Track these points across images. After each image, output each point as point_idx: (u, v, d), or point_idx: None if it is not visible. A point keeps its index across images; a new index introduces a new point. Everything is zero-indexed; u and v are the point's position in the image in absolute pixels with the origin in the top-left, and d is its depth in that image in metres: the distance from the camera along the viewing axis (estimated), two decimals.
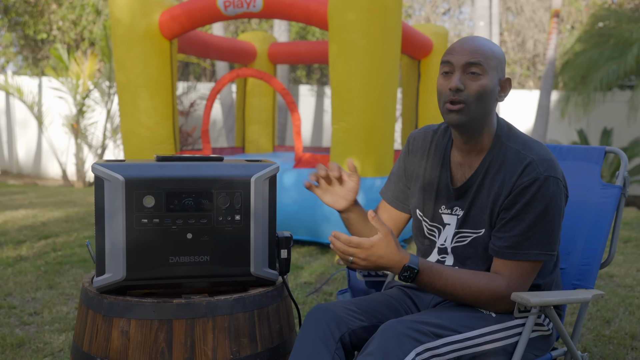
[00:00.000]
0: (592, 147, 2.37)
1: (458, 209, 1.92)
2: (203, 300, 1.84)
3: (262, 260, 1.95)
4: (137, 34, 5.89)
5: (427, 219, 2.00)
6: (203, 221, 1.88)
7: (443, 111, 1.83)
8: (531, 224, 1.77)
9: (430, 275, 1.78)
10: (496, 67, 1.81)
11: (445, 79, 1.82)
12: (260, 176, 1.92)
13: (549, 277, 1.94)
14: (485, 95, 1.79)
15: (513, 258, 1.79)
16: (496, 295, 1.79)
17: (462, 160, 1.93)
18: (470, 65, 1.78)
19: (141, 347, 1.81)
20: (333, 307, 1.90)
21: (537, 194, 1.76)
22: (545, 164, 1.79)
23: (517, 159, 1.82)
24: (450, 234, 1.94)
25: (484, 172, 1.86)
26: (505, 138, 1.88)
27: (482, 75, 1.79)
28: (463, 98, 1.78)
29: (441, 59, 1.85)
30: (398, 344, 1.62)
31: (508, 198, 1.80)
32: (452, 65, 1.80)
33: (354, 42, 5.11)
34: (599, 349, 3.13)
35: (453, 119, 1.81)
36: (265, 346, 1.92)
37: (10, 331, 3.28)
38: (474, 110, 1.79)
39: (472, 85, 1.78)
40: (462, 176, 1.92)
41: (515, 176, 1.80)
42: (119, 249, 1.84)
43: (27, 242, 5.53)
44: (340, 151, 5.30)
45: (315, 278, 4.48)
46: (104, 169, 1.82)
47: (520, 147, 1.84)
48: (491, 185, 1.84)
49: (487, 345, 1.77)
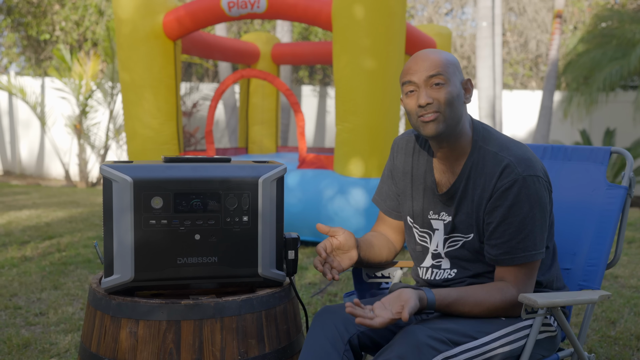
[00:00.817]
0: (597, 148, 2.37)
1: (445, 214, 1.94)
2: (211, 301, 1.84)
3: (269, 261, 1.95)
4: (141, 34, 5.90)
5: (417, 225, 2.03)
6: (211, 222, 1.89)
7: (418, 126, 1.85)
8: (520, 226, 1.79)
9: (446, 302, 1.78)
10: (454, 72, 1.85)
11: (412, 98, 1.85)
12: (268, 177, 1.92)
13: (548, 273, 1.97)
14: (453, 101, 1.82)
15: (512, 263, 1.82)
16: (512, 304, 1.82)
17: (444, 167, 1.95)
18: (431, 78, 1.81)
19: (149, 347, 1.82)
20: (341, 310, 1.91)
21: (519, 195, 1.79)
22: (522, 164, 1.81)
23: (495, 161, 1.84)
24: (440, 239, 1.96)
25: (466, 177, 1.89)
26: (482, 141, 1.90)
27: (445, 83, 1.82)
28: (435, 109, 1.81)
29: (401, 80, 1.89)
30: (417, 353, 1.63)
31: (490, 201, 1.83)
32: (414, 84, 1.83)
33: (358, 42, 5.11)
34: (605, 350, 3.13)
35: (431, 130, 1.82)
36: (273, 347, 1.93)
37: (16, 332, 3.29)
38: (448, 117, 1.82)
39: (439, 95, 1.81)
40: (447, 182, 1.94)
41: (494, 179, 1.83)
42: (127, 250, 1.84)
43: (31, 243, 5.54)
44: (344, 151, 5.31)
45: (319, 279, 4.48)
46: (112, 170, 1.82)
47: (497, 149, 1.87)
48: (474, 190, 1.87)
49: (501, 348, 1.79)
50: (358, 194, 5.17)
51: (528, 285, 1.83)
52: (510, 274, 1.83)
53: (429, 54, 1.85)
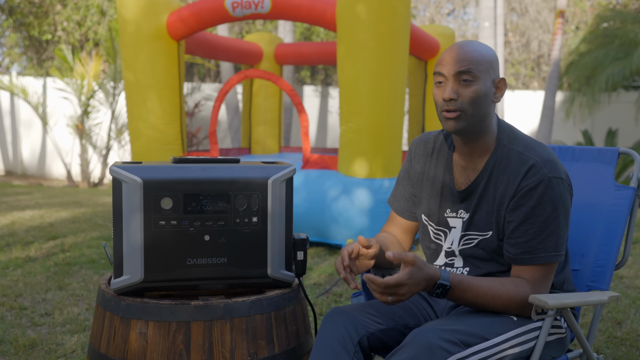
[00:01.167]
0: (605, 149, 2.36)
1: (463, 211, 1.94)
2: (221, 302, 1.84)
3: (279, 262, 1.95)
4: (145, 34, 5.90)
5: (432, 223, 2.02)
6: (220, 223, 1.89)
7: (441, 119, 1.86)
8: (542, 226, 1.79)
9: (461, 289, 1.78)
10: (487, 70, 1.83)
11: (439, 89, 1.85)
12: (278, 178, 1.92)
13: (560, 274, 1.97)
14: (479, 100, 1.82)
15: (531, 262, 1.81)
16: (524, 301, 1.80)
17: (465, 163, 1.95)
18: (461, 74, 1.81)
19: (159, 348, 1.81)
20: (351, 310, 1.90)
21: (543, 196, 1.79)
22: (548, 165, 1.81)
23: (520, 161, 1.84)
24: (456, 237, 1.96)
25: (488, 174, 1.89)
26: (507, 140, 1.90)
27: (474, 81, 1.81)
28: (458, 106, 1.81)
29: (433, 69, 1.88)
30: (430, 355, 1.62)
31: (513, 200, 1.82)
32: (443, 75, 1.84)
33: (363, 42, 5.11)
34: (612, 351, 3.12)
35: (451, 126, 1.83)
36: (282, 348, 1.93)
37: (22, 332, 3.29)
38: (470, 115, 1.82)
39: (465, 93, 1.81)
40: (467, 179, 1.94)
41: (519, 178, 1.82)
42: (136, 250, 1.84)
43: (35, 243, 5.54)
44: (348, 152, 5.30)
45: (324, 279, 4.48)
46: (122, 171, 1.82)
47: (523, 148, 1.87)
48: (496, 188, 1.87)
49: (511, 349, 1.78)
50: (362, 194, 5.16)
51: (543, 287, 1.83)
52: (527, 273, 1.82)
53: (465, 47, 1.84)
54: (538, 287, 1.82)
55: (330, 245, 5.60)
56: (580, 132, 12.08)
